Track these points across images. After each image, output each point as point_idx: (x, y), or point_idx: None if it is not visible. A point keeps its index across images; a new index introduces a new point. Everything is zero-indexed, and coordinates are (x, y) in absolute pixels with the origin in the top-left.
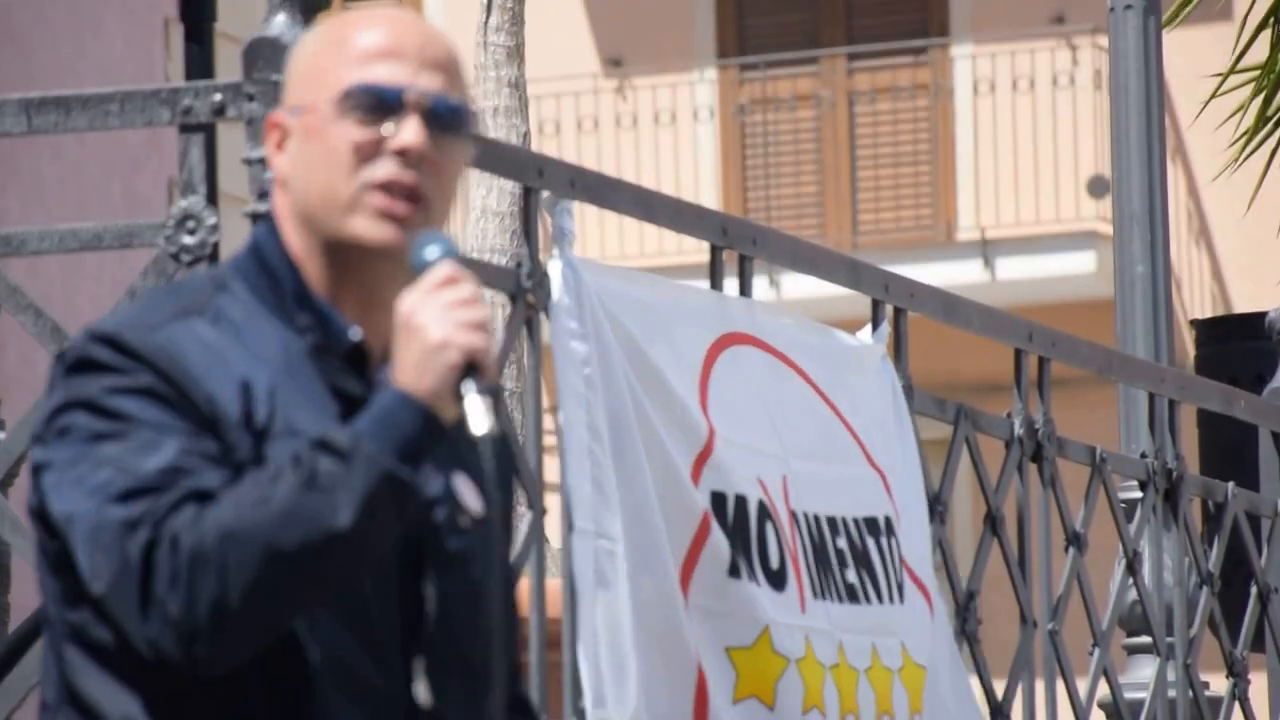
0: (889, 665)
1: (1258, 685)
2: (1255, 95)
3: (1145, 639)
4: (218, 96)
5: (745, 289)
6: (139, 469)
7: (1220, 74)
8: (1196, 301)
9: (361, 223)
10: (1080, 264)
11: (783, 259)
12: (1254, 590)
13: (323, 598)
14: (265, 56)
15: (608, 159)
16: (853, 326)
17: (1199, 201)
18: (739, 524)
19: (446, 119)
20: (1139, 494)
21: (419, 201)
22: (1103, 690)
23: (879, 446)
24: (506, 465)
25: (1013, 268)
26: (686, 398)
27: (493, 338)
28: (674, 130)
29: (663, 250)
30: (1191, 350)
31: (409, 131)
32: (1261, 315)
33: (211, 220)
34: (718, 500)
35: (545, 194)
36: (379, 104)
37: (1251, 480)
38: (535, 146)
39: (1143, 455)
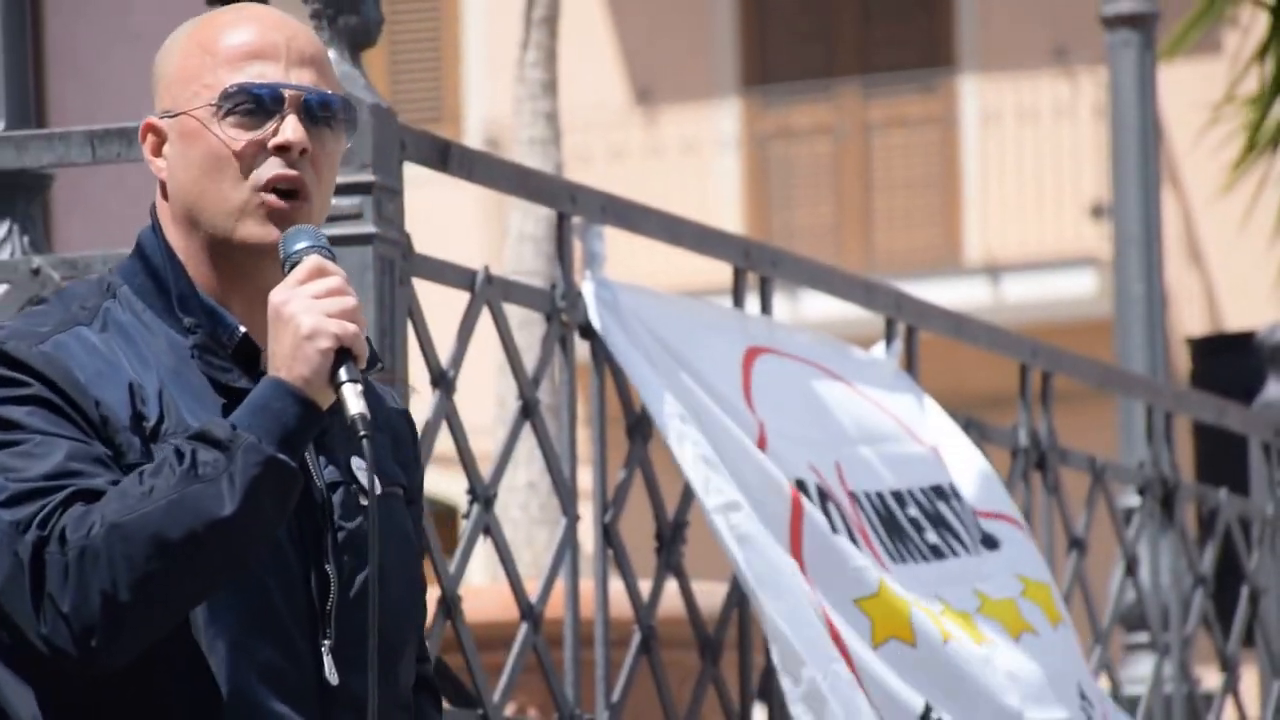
0: (1002, 597)
1: (1248, 680)
2: (1247, 124)
3: (1143, 637)
4: None
5: (766, 308)
6: (26, 474)
7: (1216, 104)
8: (1190, 320)
9: (250, 226)
10: (1081, 285)
11: (801, 280)
12: (1245, 591)
13: (212, 585)
14: None
15: (636, 186)
16: (866, 345)
17: (1192, 225)
18: (822, 498)
19: (322, 113)
20: (1137, 501)
21: (302, 197)
22: (1103, 685)
23: (919, 427)
24: (409, 444)
25: (1017, 288)
26: (732, 396)
27: (362, 324)
28: (698, 158)
29: (687, 272)
30: (1186, 366)
31: (289, 129)
32: (1251, 333)
33: None
34: None
35: (578, 219)
36: (257, 104)
37: (1243, 488)
38: (568, 175)
39: (1140, 464)
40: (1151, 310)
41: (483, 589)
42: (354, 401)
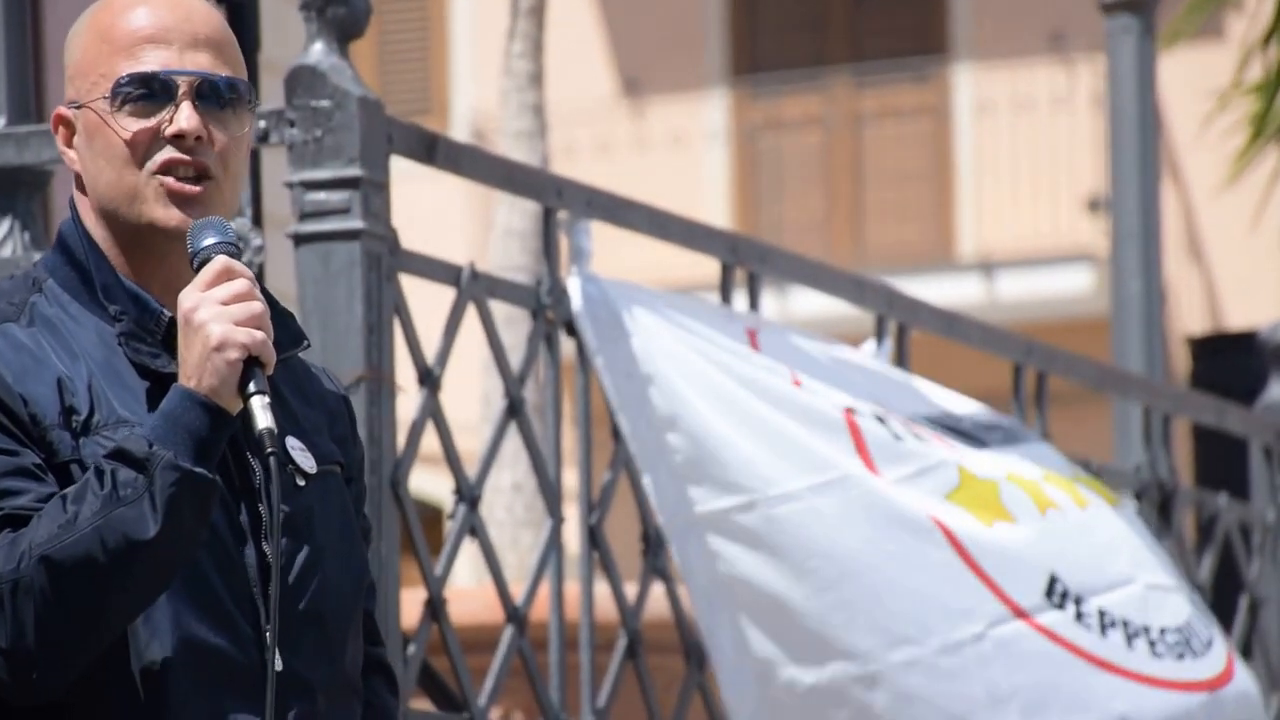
0: (1088, 477)
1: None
2: (1251, 115)
3: None
4: (261, 123)
5: (754, 304)
6: None
7: (1219, 93)
8: (1190, 318)
9: (152, 208)
10: (1077, 281)
11: (790, 276)
12: (1244, 600)
13: (146, 602)
14: (305, 84)
15: (623, 180)
16: (856, 342)
17: (1193, 220)
18: (865, 420)
19: (218, 96)
20: (1133, 505)
21: (206, 179)
22: None
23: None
24: (345, 425)
25: (1011, 285)
26: (746, 362)
27: (268, 329)
28: (686, 150)
29: (674, 267)
30: (1185, 366)
31: (182, 117)
32: (1253, 333)
33: (257, 241)
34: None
35: (564, 214)
36: (150, 93)
37: (1243, 492)
38: (554, 168)
39: (1137, 468)
40: (1150, 308)
41: (468, 591)
42: (261, 416)
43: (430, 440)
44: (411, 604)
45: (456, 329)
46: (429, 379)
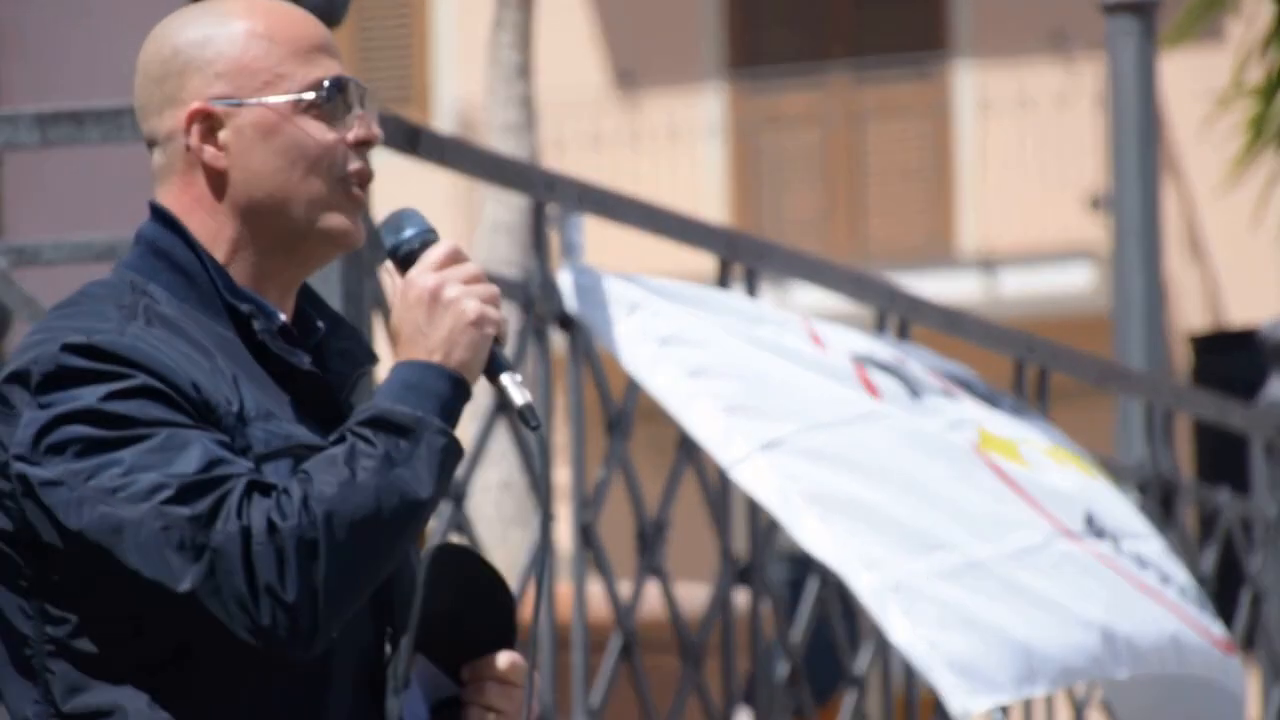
0: (1077, 452)
1: (1249, 685)
2: (1250, 118)
3: None
4: None
5: None
6: (180, 468)
7: (1220, 96)
8: (1191, 315)
9: (336, 219)
10: (1079, 278)
11: (789, 272)
12: (1246, 593)
13: (395, 564)
14: None
15: (616, 174)
16: None
17: (1194, 218)
18: (882, 367)
19: (371, 103)
20: (1136, 499)
21: (369, 188)
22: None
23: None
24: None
25: (1013, 281)
26: (763, 322)
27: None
28: (682, 145)
29: (669, 264)
30: (1187, 362)
31: (373, 125)
32: (1254, 330)
33: None
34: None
35: (554, 208)
36: (341, 98)
37: (1244, 487)
38: (544, 161)
39: (1139, 464)
40: (1151, 305)
41: None
42: (518, 392)
43: None
44: None
45: None
46: None
